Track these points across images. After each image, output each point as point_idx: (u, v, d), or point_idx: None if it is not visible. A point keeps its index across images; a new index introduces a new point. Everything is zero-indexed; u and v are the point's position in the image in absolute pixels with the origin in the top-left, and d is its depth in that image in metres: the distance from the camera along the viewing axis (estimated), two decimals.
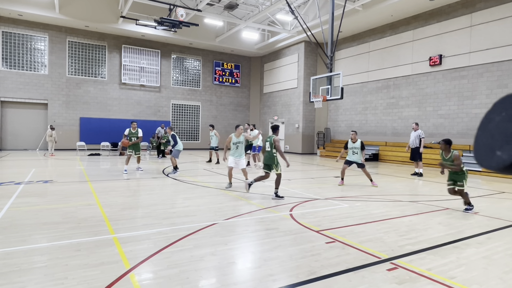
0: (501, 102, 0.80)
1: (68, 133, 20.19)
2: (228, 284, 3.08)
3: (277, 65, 24.37)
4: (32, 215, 5.37)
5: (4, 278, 3.08)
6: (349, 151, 9.22)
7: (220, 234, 4.58)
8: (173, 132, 11.57)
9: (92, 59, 20.86)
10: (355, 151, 9.10)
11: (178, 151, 11.31)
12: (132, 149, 11.27)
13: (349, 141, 9.25)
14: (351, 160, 9.18)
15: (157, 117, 22.85)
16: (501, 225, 5.41)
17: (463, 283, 3.21)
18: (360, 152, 9.07)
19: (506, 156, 0.74)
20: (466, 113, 14.51)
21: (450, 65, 15.04)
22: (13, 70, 18.87)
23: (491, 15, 13.56)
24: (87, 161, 14.49)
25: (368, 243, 4.29)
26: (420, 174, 11.69)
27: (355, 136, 9.22)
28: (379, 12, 16.34)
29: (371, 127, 18.92)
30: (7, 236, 4.27)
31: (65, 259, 3.54)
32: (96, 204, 6.21)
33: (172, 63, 23.39)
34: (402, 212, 6.18)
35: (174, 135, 11.45)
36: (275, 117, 24.37)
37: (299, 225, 5.07)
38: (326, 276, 3.28)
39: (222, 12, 19.36)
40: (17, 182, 8.51)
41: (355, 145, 9.09)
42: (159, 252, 3.81)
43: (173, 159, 11.07)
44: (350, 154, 9.21)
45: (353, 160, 9.15)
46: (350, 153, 9.19)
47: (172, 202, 6.62)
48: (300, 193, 7.81)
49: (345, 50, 20.59)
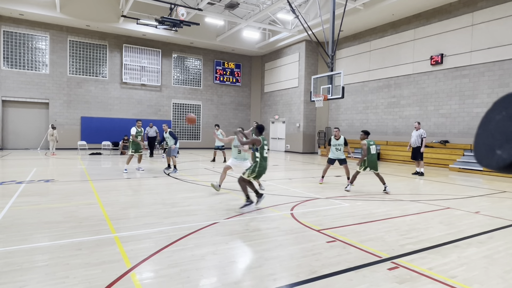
0: (501, 101, 0.80)
1: (69, 133, 20.22)
2: (228, 283, 3.09)
3: (278, 64, 24.35)
4: (33, 214, 5.39)
5: (6, 277, 3.09)
6: (333, 148, 9.23)
7: (221, 233, 4.58)
8: (170, 129, 11.57)
9: (93, 58, 20.88)
10: (339, 148, 9.13)
11: (176, 149, 11.32)
12: (134, 148, 11.19)
13: (332, 138, 9.29)
14: (334, 158, 9.21)
15: (158, 116, 22.87)
16: (502, 224, 5.40)
17: (464, 282, 3.21)
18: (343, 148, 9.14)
19: (506, 155, 0.73)
20: (467, 112, 14.48)
21: (451, 64, 15.01)
22: (14, 70, 18.90)
23: (493, 14, 13.52)
24: (88, 160, 14.51)
25: (369, 243, 4.29)
26: (421, 174, 11.68)
27: (339, 133, 9.27)
28: (380, 11, 16.31)
29: (372, 126, 18.89)
30: (8, 235, 4.28)
31: (66, 258, 3.55)
32: (97, 203, 6.22)
33: (173, 62, 23.39)
34: (403, 211, 6.17)
35: (172, 132, 11.46)
36: (276, 116, 24.37)
37: (300, 224, 5.08)
38: (326, 275, 3.28)
39: (223, 11, 19.34)
40: (18, 181, 8.53)
41: (339, 142, 9.14)
42: (160, 251, 3.82)
43: (173, 158, 11.07)
44: (333, 151, 9.20)
45: (335, 158, 9.19)
46: (334, 150, 9.20)
47: (173, 201, 6.62)
48: (301, 192, 7.80)
49: (346, 49, 20.56)
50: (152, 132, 16.72)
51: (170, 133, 11.44)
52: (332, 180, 10.14)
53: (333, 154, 9.23)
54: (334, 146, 9.19)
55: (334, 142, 9.21)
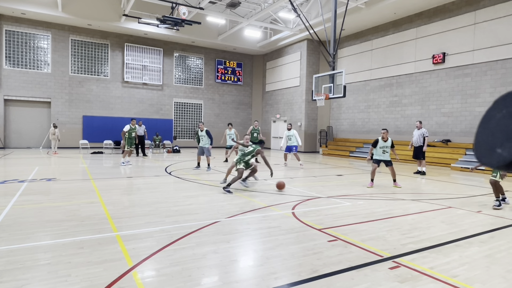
0: (502, 99, 0.79)
1: (71, 131, 20.27)
2: (230, 282, 3.09)
3: (279, 63, 24.32)
4: (35, 212, 5.41)
5: (8, 275, 3.10)
6: (379, 150, 8.80)
7: (223, 232, 4.59)
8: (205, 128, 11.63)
9: (94, 57, 20.91)
10: (386, 150, 8.78)
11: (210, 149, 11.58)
12: (129, 144, 12.34)
13: (379, 139, 8.86)
14: (380, 159, 8.87)
15: (159, 115, 22.90)
16: (504, 223, 5.39)
17: (466, 281, 3.21)
18: (389, 151, 8.80)
19: (507, 154, 0.73)
20: (469, 112, 14.43)
21: (453, 63, 14.96)
22: (16, 69, 18.95)
23: (495, 12, 13.46)
24: (90, 159, 14.54)
25: (370, 242, 4.29)
26: (423, 173, 11.66)
27: (387, 134, 8.82)
28: (382, 9, 16.27)
29: (373, 125, 18.86)
30: (11, 234, 4.30)
31: (68, 257, 3.56)
32: (99, 202, 6.24)
33: (174, 61, 23.40)
34: (404, 210, 6.16)
35: (209, 131, 11.49)
36: (277, 115, 24.36)
37: (301, 223, 5.08)
38: (328, 274, 3.29)
39: (224, 10, 19.33)
40: (20, 180, 8.56)
41: (386, 143, 8.79)
42: (162, 250, 3.83)
43: (208, 158, 11.44)
44: (379, 153, 8.80)
45: (381, 159, 8.86)
46: (380, 152, 8.80)
47: (175, 200, 6.63)
48: (302, 191, 7.80)
49: (347, 48, 20.51)
50: (141, 131, 16.39)
51: (207, 132, 11.38)
52: (335, 178, 10.14)
53: (378, 156, 8.86)
54: (382, 148, 8.80)
55: (382, 144, 8.80)
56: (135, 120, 13.13)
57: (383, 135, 8.82)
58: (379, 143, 8.84)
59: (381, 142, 8.83)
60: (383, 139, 8.83)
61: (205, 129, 11.45)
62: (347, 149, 19.49)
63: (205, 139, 11.36)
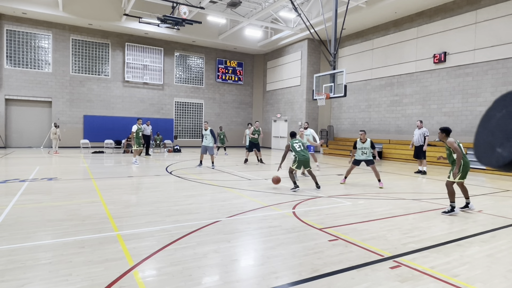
0: (501, 99, 0.79)
1: (72, 131, 20.30)
2: (231, 281, 3.10)
3: (280, 63, 24.31)
4: (36, 212, 5.42)
5: (9, 274, 3.11)
6: (358, 151, 8.89)
7: (223, 231, 4.59)
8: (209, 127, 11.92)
9: (95, 57, 20.93)
10: (365, 151, 8.81)
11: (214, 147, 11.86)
12: (137, 143, 12.74)
13: (357, 141, 8.90)
14: (360, 160, 8.92)
15: (160, 115, 22.92)
16: (505, 223, 5.38)
17: (467, 281, 3.21)
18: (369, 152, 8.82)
19: (507, 153, 0.73)
20: (470, 111, 14.41)
21: (454, 62, 14.94)
22: (17, 68, 18.98)
23: (496, 11, 13.43)
24: (91, 159, 14.56)
25: (371, 241, 4.29)
26: (424, 172, 11.64)
27: (364, 135, 8.88)
28: (382, 9, 16.25)
29: (374, 125, 18.85)
30: (12, 233, 4.31)
31: (69, 256, 3.57)
32: (100, 202, 6.25)
33: (175, 61, 23.41)
34: (405, 210, 6.16)
35: (213, 131, 11.81)
36: (278, 115, 24.35)
37: (302, 223, 5.08)
38: (328, 274, 3.29)
39: (225, 10, 19.33)
40: (21, 179, 8.58)
41: (365, 145, 8.80)
42: (163, 249, 3.83)
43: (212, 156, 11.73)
44: (359, 154, 8.89)
45: (361, 159, 8.91)
46: (359, 153, 8.89)
47: (176, 200, 6.64)
48: (303, 191, 7.80)
49: (348, 48, 20.49)
50: (148, 130, 16.66)
51: (211, 132, 11.66)
52: (336, 178, 10.13)
53: (358, 156, 8.93)
54: (360, 149, 8.85)
55: (360, 145, 8.84)
56: (141, 120, 13.39)
57: (360, 137, 8.91)
58: (358, 144, 8.93)
59: (359, 144, 8.90)
60: (361, 140, 8.89)
61: (210, 128, 11.71)
62: (348, 149, 19.43)
63: (209, 138, 11.62)
